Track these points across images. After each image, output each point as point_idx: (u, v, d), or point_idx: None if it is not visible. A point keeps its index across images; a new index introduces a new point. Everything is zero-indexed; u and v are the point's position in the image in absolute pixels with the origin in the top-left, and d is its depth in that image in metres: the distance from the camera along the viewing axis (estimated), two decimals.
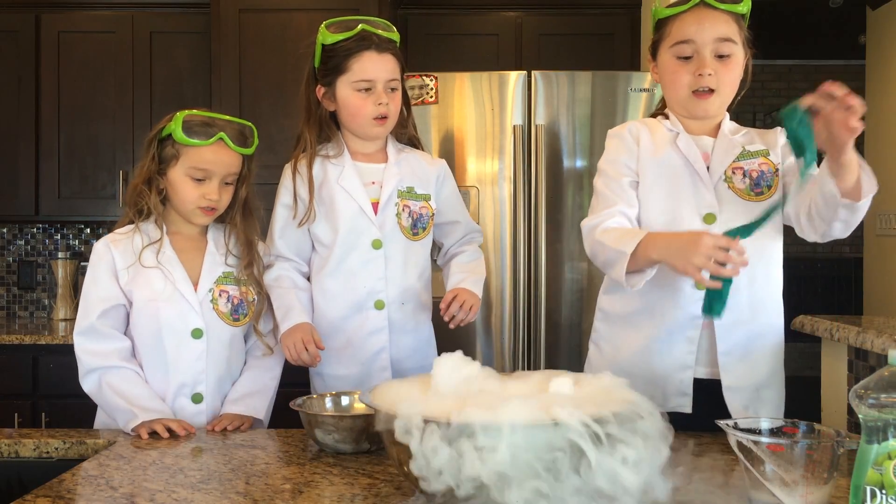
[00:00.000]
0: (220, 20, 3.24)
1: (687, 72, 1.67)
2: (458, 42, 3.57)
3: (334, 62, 1.91)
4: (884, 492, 0.98)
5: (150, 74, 3.46)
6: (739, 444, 1.15)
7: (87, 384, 1.74)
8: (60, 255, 3.69)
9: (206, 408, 1.78)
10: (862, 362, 1.99)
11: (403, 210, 1.95)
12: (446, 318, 1.92)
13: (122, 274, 1.75)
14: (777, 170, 1.72)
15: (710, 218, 1.68)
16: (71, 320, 3.61)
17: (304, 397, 1.61)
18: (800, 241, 1.76)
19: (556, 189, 3.05)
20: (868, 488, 0.99)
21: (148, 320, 1.75)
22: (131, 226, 1.79)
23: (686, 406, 1.69)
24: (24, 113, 3.45)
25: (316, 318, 1.96)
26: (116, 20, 3.47)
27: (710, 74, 1.65)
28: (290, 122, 3.19)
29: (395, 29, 1.97)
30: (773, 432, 1.23)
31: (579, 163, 3.05)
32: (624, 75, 3.06)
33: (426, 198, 2.00)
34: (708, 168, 1.71)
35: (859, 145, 1.68)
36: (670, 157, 1.72)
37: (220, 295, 1.79)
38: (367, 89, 1.90)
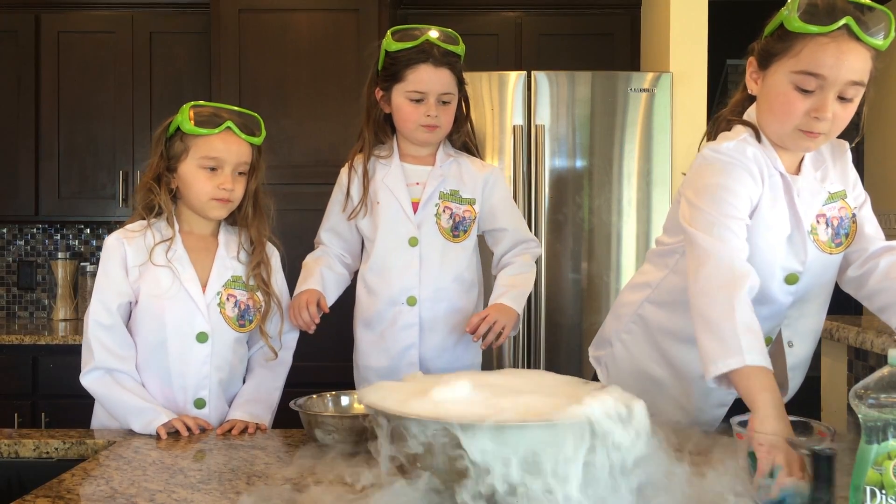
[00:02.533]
0: (220, 20, 3.24)
1: (802, 107, 1.40)
2: None
3: (393, 69, 1.97)
4: (883, 492, 0.98)
5: (150, 74, 3.46)
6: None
7: (91, 378, 1.69)
8: (60, 255, 3.69)
9: (208, 412, 1.76)
10: (862, 362, 2.00)
11: (444, 211, 2.01)
12: (474, 340, 1.95)
13: (132, 271, 1.73)
14: (854, 214, 1.55)
15: (792, 278, 1.52)
16: (71, 320, 3.61)
17: (305, 397, 1.61)
18: None
19: (557, 189, 3.05)
20: (868, 488, 0.99)
21: (152, 320, 1.72)
22: (143, 222, 1.77)
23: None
24: (24, 113, 3.45)
25: (356, 311, 2.08)
26: (116, 20, 3.47)
27: (827, 119, 1.40)
28: (291, 121, 3.22)
29: (461, 41, 1.99)
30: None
31: (579, 163, 3.05)
32: (624, 75, 3.06)
33: (471, 202, 2.03)
34: None
35: (859, 145, 1.66)
36: (781, 208, 1.49)
37: (227, 299, 1.77)
38: (419, 100, 1.95)
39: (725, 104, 1.65)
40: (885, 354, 1.36)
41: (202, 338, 1.74)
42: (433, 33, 1.95)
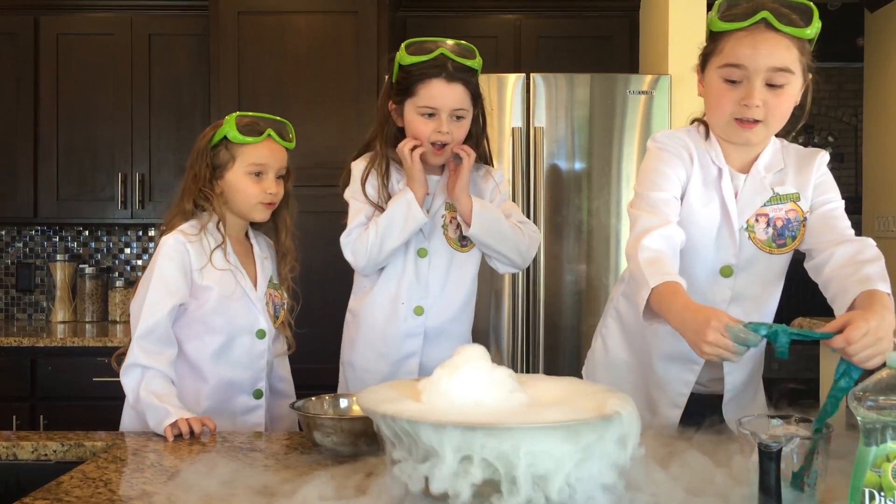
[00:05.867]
0: (219, 22, 3.24)
1: (732, 97, 1.51)
2: None
3: (406, 83, 1.91)
4: (882, 494, 0.98)
5: (149, 76, 3.46)
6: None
7: (130, 376, 1.73)
8: (59, 257, 3.69)
9: (264, 402, 1.89)
10: None
11: (451, 222, 1.99)
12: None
13: (196, 274, 1.79)
14: (805, 218, 1.59)
15: (727, 270, 1.59)
16: (69, 323, 3.61)
17: (303, 400, 1.61)
18: None
19: (555, 191, 3.05)
20: (867, 490, 0.99)
21: (222, 320, 1.81)
22: (195, 224, 1.83)
23: (675, 417, 1.67)
24: (23, 115, 3.45)
25: (362, 317, 2.03)
26: (115, 22, 3.47)
27: (757, 106, 1.49)
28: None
29: (478, 54, 1.94)
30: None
31: (578, 165, 3.05)
32: (622, 78, 3.06)
33: None
34: None
35: (859, 146, 1.68)
36: (711, 198, 1.58)
37: (269, 298, 1.89)
38: (431, 115, 1.91)
39: None
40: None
41: (261, 334, 1.86)
42: (448, 46, 1.90)
